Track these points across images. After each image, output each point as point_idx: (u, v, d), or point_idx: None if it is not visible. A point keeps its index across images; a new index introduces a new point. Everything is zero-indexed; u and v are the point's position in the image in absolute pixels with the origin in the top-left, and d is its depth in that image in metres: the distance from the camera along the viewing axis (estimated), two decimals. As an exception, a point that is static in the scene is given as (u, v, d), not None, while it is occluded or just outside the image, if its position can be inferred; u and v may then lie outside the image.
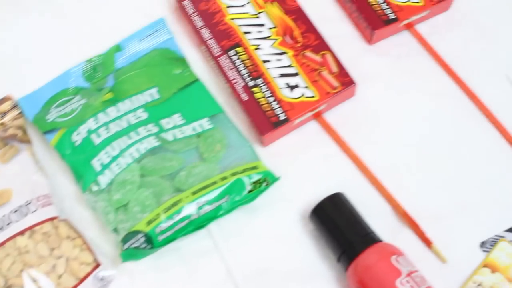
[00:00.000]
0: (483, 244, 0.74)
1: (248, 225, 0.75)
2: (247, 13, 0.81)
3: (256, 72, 0.78)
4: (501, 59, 0.83)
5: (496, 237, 0.74)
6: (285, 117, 0.76)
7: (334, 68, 0.78)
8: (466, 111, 0.80)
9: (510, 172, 0.77)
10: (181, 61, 0.80)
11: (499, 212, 0.75)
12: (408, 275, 0.67)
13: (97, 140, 0.75)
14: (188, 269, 0.73)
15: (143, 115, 0.77)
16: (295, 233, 0.74)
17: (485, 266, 0.73)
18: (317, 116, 0.78)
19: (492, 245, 0.74)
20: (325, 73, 0.78)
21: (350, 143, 0.78)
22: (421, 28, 0.84)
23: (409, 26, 0.83)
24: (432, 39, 0.83)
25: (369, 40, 0.83)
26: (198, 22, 0.81)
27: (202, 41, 0.80)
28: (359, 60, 0.82)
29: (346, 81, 0.78)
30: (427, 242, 0.73)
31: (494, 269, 0.72)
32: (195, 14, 0.81)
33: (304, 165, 0.77)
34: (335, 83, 0.77)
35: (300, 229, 0.75)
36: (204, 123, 0.76)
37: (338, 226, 0.72)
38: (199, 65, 0.82)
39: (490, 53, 0.83)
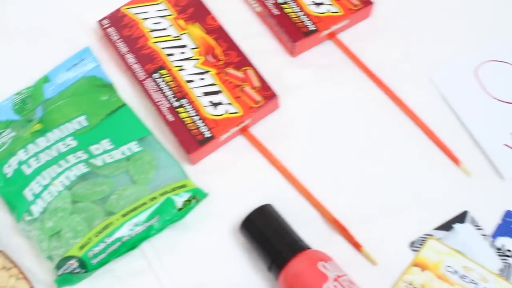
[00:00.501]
0: (412, 244, 0.75)
1: (180, 242, 0.76)
2: (169, 35, 0.83)
3: (180, 93, 0.80)
4: (424, 61, 0.85)
5: (424, 236, 0.75)
6: (210, 135, 0.78)
7: (256, 83, 0.80)
8: (391, 114, 0.82)
9: (436, 172, 0.79)
10: (108, 87, 0.82)
11: (427, 212, 0.77)
12: (336, 279, 0.69)
13: (27, 171, 0.77)
14: (124, 290, 0.75)
15: (72, 143, 0.78)
16: (228, 247, 0.76)
17: (415, 265, 0.74)
18: (244, 131, 0.80)
19: (421, 244, 0.75)
20: (247, 88, 0.80)
21: (277, 155, 0.79)
22: (343, 36, 0.86)
23: (332, 36, 0.85)
24: (355, 47, 0.85)
25: (292, 52, 0.84)
26: (123, 48, 0.83)
27: (127, 66, 0.82)
28: (283, 73, 0.84)
29: (268, 94, 0.79)
30: (357, 246, 0.75)
31: (423, 267, 0.74)
32: (119, 40, 0.83)
33: (233, 179, 0.79)
34: (257, 97, 0.79)
35: (232, 243, 0.76)
36: (133, 146, 0.78)
37: (267, 236, 0.73)
38: (127, 90, 0.83)
39: (412, 57, 0.85)
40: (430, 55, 0.85)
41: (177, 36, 0.83)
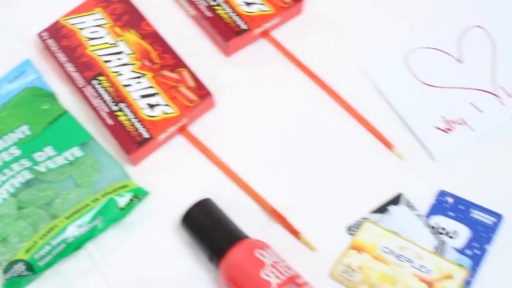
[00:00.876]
0: (349, 228, 0.78)
1: (124, 241, 0.78)
2: (106, 43, 0.86)
3: (118, 97, 0.82)
4: (355, 53, 0.88)
5: (361, 220, 0.78)
6: (148, 136, 0.80)
7: (191, 83, 0.83)
8: (326, 106, 0.85)
9: (370, 158, 0.82)
10: (50, 96, 0.85)
11: (362, 196, 0.79)
12: (273, 265, 0.71)
13: (-27, 182, 0.79)
14: (72, 290, 0.77)
15: (16, 152, 0.81)
16: (171, 242, 0.78)
17: (352, 248, 0.76)
18: (182, 130, 0.83)
19: (357, 228, 0.77)
20: (182, 89, 0.82)
21: (216, 151, 0.82)
22: (277, 34, 0.89)
23: (265, 34, 0.88)
24: (288, 43, 0.88)
25: (226, 52, 0.87)
26: (62, 57, 0.86)
27: (67, 75, 0.85)
28: (218, 73, 0.86)
29: (203, 93, 0.82)
30: (295, 233, 0.77)
31: (360, 250, 0.76)
32: (59, 50, 0.86)
33: (174, 177, 0.81)
34: (192, 97, 0.82)
35: (175, 238, 0.78)
36: (75, 152, 0.81)
37: (206, 229, 0.75)
38: (68, 98, 0.86)
39: (344, 49, 0.88)
40: (361, 46, 0.88)
41: (114, 43, 0.86)
